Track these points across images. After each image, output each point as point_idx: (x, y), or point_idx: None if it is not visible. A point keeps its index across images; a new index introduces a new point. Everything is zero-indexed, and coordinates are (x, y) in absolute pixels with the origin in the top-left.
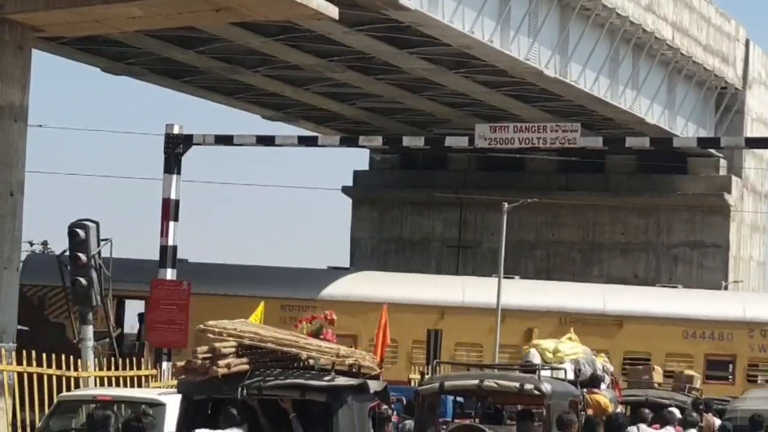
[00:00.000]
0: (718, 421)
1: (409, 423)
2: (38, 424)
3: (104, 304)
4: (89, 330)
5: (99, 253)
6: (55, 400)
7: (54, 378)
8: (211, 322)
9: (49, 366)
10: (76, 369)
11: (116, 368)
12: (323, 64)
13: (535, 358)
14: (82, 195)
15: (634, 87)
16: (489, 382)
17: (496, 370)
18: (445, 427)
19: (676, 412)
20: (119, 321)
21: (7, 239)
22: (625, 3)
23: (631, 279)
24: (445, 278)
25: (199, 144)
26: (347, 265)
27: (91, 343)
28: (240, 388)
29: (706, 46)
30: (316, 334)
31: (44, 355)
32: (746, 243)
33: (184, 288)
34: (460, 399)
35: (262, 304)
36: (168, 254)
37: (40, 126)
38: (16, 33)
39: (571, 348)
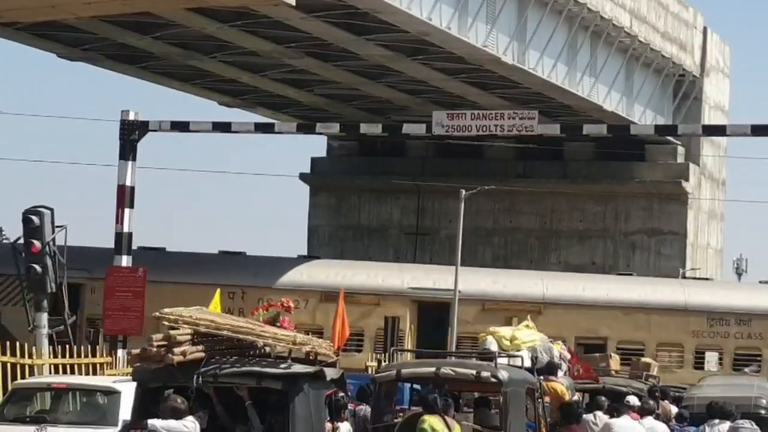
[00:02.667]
0: (674, 409)
1: (361, 409)
2: None
3: (59, 291)
4: (44, 317)
5: (54, 240)
6: (10, 388)
7: (8, 366)
8: (166, 310)
9: (3, 353)
10: (30, 357)
11: (71, 356)
12: (280, 50)
13: (492, 346)
14: (37, 182)
15: (592, 74)
16: (446, 370)
17: (453, 357)
18: (402, 414)
19: (634, 399)
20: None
21: None
22: None
23: (588, 266)
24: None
25: (155, 130)
26: (305, 252)
27: (45, 330)
28: (195, 376)
29: (664, 33)
30: (272, 321)
31: None
32: (704, 230)
33: (139, 275)
34: (417, 386)
35: (218, 291)
36: (123, 241)
37: None
38: None
39: (528, 335)
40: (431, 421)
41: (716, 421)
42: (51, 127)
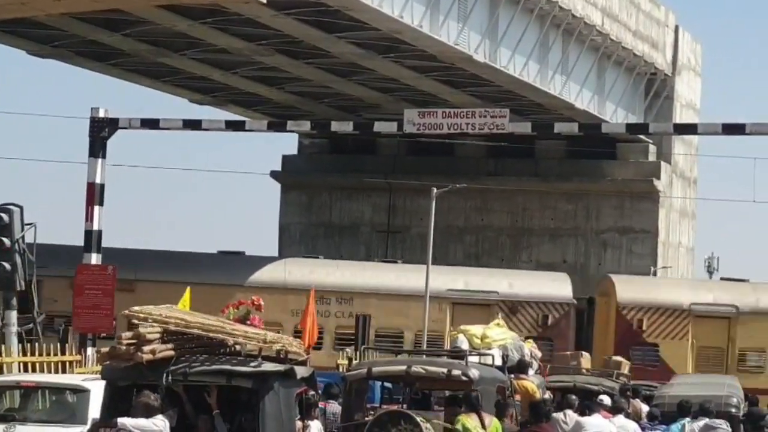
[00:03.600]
0: (645, 407)
1: (330, 407)
2: None
3: (29, 289)
4: (13, 315)
5: (23, 237)
6: None
7: None
8: (136, 308)
9: None
10: None
11: (40, 354)
12: (251, 47)
13: (464, 344)
14: (6, 179)
15: (564, 72)
16: (417, 368)
17: (424, 356)
18: (372, 412)
19: (607, 398)
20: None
21: None
22: None
23: (560, 264)
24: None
25: (125, 128)
26: (276, 251)
27: (14, 328)
28: (165, 374)
29: (635, 31)
30: (242, 319)
31: None
32: (675, 229)
33: (108, 273)
34: (388, 385)
35: (188, 289)
36: (93, 239)
37: None
38: None
39: (499, 334)
40: (464, 420)
41: (689, 419)
42: (21, 124)
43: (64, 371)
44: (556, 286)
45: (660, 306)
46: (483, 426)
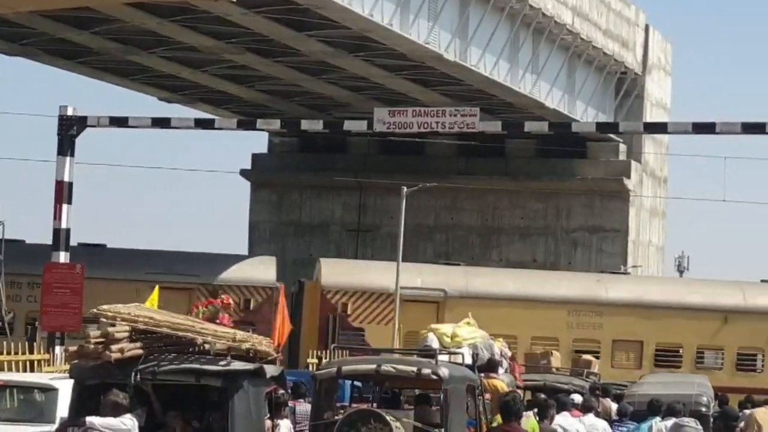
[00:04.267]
0: (615, 406)
1: (300, 406)
2: None
3: None
4: None
5: None
6: None
7: None
8: (104, 306)
9: None
10: None
11: (8, 352)
12: (221, 45)
13: (433, 343)
14: None
15: (534, 71)
16: (387, 367)
17: (394, 354)
18: (342, 411)
19: (577, 397)
20: None
21: None
22: None
23: (530, 263)
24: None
25: (94, 126)
26: (246, 249)
27: None
28: (133, 373)
29: (606, 31)
30: (212, 318)
31: None
32: (645, 228)
33: (77, 271)
34: (357, 383)
35: (156, 288)
36: (61, 237)
37: None
38: None
39: (469, 333)
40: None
41: (658, 418)
42: None
43: (32, 370)
44: (260, 270)
45: (366, 290)
46: None
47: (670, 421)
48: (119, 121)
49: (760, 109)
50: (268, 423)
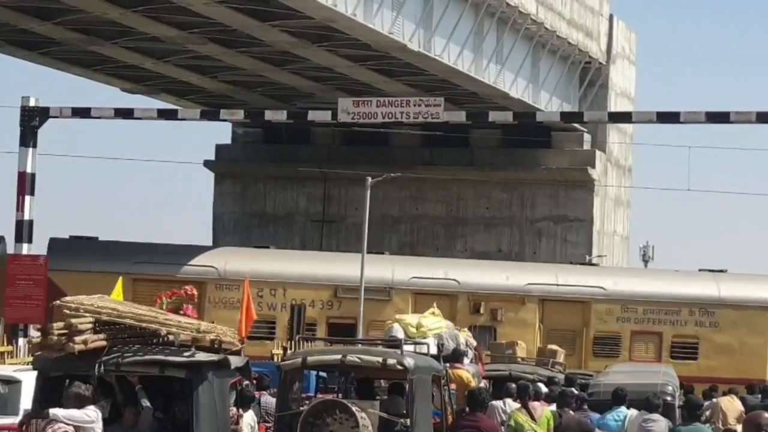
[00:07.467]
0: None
1: (264, 397)
2: None
3: None
4: None
5: None
6: None
7: None
8: (67, 298)
9: None
10: None
11: None
12: (184, 36)
13: (399, 333)
14: None
15: (498, 61)
16: (352, 357)
17: (359, 345)
18: (308, 402)
19: (543, 387)
20: None
21: None
22: None
23: (495, 253)
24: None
25: (56, 117)
26: (210, 240)
27: None
28: (97, 365)
29: (570, 20)
30: (176, 309)
31: None
32: (610, 217)
33: (40, 263)
34: (323, 374)
35: (120, 279)
36: (24, 229)
37: None
38: None
39: (434, 323)
40: (516, 416)
41: (623, 407)
42: None
43: None
44: None
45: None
46: (533, 418)
47: (635, 411)
48: (82, 112)
49: (724, 98)
50: (233, 410)
